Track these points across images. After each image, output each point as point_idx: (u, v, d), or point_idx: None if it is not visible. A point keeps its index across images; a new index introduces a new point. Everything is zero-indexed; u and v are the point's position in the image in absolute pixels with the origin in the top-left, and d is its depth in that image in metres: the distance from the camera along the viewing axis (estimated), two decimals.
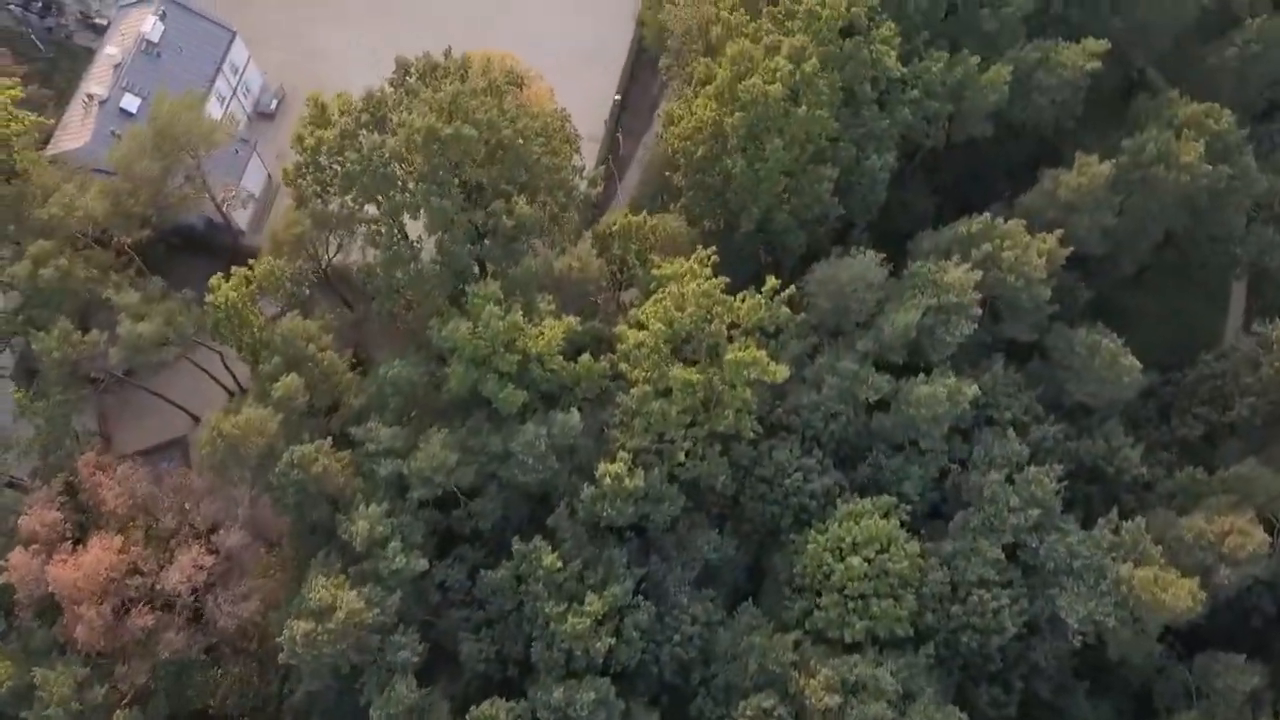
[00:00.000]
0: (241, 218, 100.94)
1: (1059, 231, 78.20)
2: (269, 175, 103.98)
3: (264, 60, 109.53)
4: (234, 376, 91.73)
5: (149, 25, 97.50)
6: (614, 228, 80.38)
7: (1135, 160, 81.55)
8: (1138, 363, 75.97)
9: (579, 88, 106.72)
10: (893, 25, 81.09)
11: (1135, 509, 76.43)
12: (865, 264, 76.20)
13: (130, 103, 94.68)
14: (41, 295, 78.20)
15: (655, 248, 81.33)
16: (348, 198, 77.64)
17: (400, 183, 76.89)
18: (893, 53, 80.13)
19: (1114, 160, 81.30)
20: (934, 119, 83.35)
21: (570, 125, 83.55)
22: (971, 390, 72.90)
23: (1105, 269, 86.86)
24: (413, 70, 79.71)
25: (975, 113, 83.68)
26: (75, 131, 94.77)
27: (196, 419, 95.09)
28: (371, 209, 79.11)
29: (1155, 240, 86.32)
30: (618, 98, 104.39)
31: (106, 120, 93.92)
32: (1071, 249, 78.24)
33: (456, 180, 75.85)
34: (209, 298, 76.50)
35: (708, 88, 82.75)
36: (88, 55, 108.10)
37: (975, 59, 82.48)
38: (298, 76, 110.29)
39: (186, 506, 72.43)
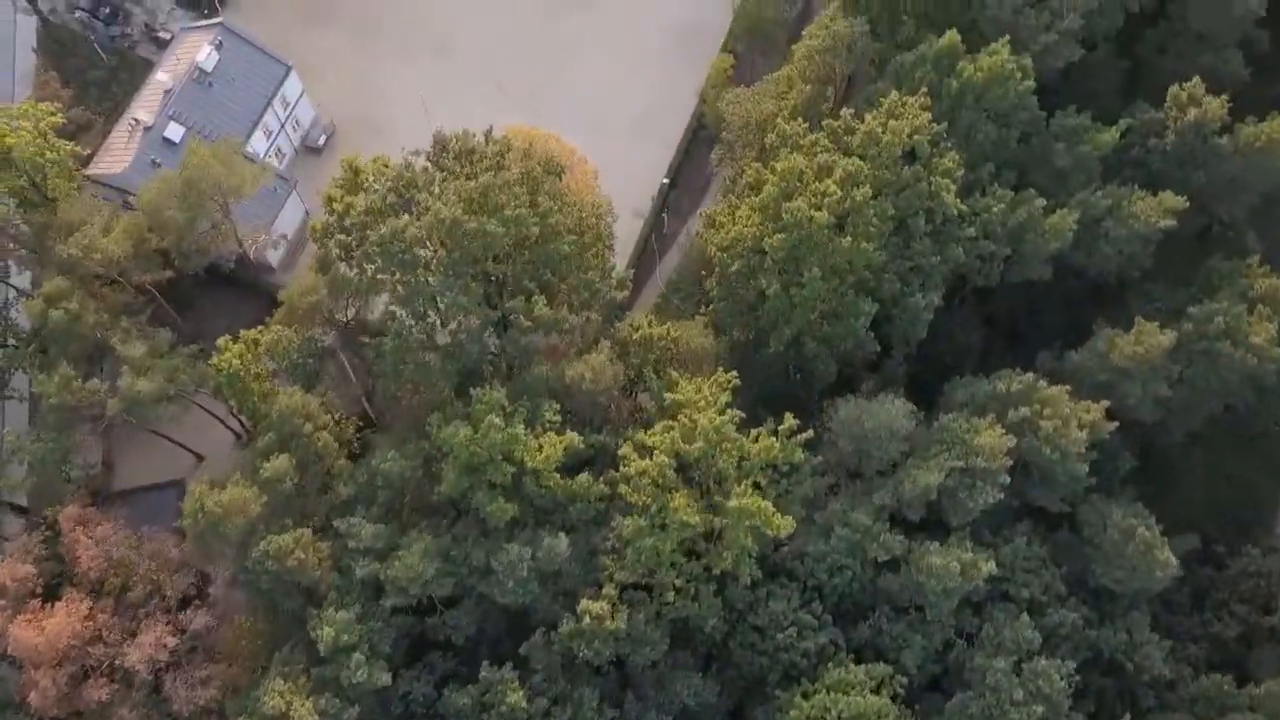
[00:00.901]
0: (273, 255, 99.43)
1: (1105, 403, 73.00)
2: (307, 212, 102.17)
3: (319, 91, 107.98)
4: (241, 421, 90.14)
5: (204, 54, 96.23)
6: (635, 335, 76.90)
7: (1200, 330, 76.06)
8: (1173, 558, 70.65)
9: (633, 156, 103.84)
10: (956, 157, 76.49)
11: (1153, 709, 71.16)
12: (892, 413, 71.78)
13: (175, 132, 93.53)
14: (51, 334, 77.09)
15: (676, 359, 77.72)
16: (367, 273, 75.31)
17: (425, 263, 74.40)
18: (953, 187, 75.56)
19: (1176, 328, 75.90)
20: (989, 258, 78.51)
21: (606, 221, 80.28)
22: (987, 567, 68.30)
23: (1154, 434, 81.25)
24: (450, 148, 77.01)
25: (1034, 256, 78.69)
26: (117, 155, 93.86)
27: (201, 458, 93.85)
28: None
29: (1213, 411, 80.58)
30: (666, 181, 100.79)
31: (149, 147, 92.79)
32: (1116, 424, 72.88)
33: (477, 271, 73.18)
34: (213, 359, 74.85)
35: (753, 198, 78.90)
36: (147, 68, 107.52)
37: (1040, 201, 77.53)
38: (351, 112, 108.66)
39: (160, 578, 70.53)
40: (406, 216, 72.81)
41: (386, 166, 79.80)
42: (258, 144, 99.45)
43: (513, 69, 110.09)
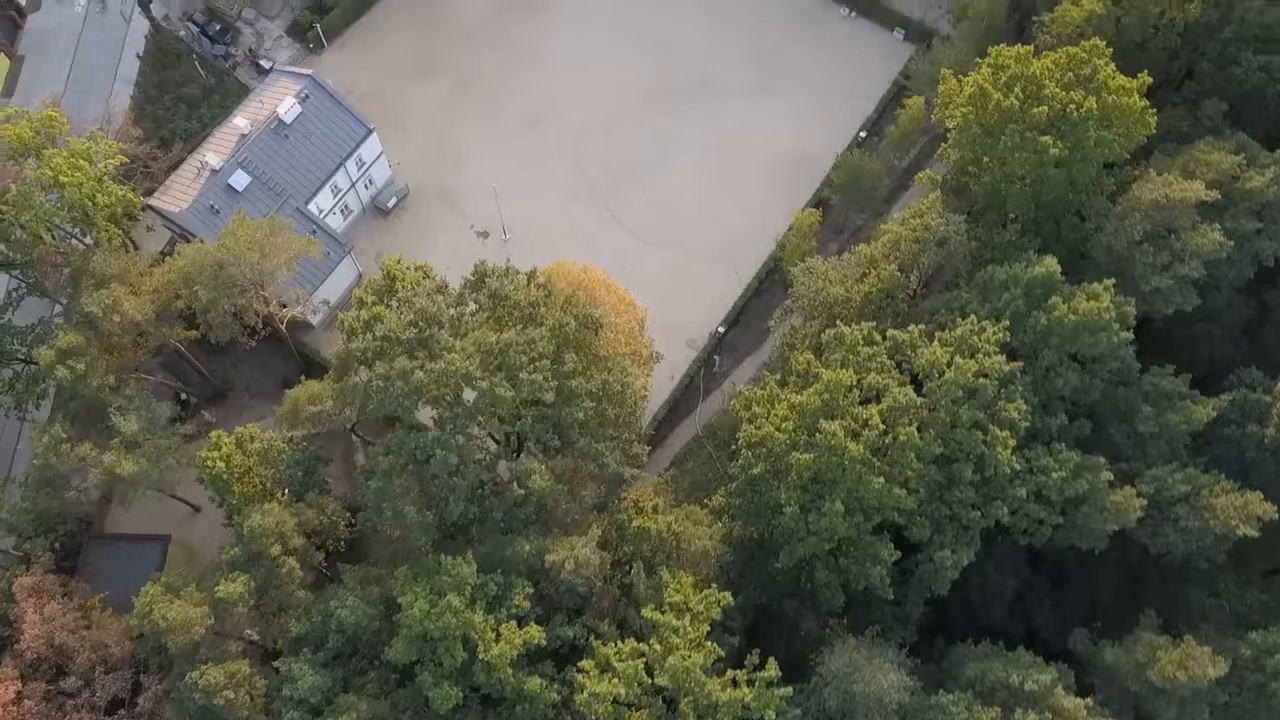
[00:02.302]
0: (313, 316, 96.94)
1: None
2: (360, 274, 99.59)
3: (402, 149, 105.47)
4: None
5: (286, 106, 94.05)
6: (633, 524, 71.49)
7: (1258, 661, 66.98)
8: None
9: (702, 280, 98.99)
10: (1023, 406, 68.89)
11: None
12: (884, 685, 64.76)
13: (239, 180, 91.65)
14: (56, 388, 75.79)
15: (673, 554, 72.05)
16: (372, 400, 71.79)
17: (434, 400, 70.47)
18: (1012, 442, 67.99)
19: (1233, 648, 67.09)
20: (1038, 522, 70.66)
21: (634, 389, 74.91)
22: None
23: None
24: (488, 283, 72.77)
25: (1089, 531, 70.49)
26: (178, 194, 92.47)
27: (198, 509, 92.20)
28: None
29: None
30: (721, 330, 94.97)
31: (210, 192, 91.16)
32: None
33: (479, 423, 69.03)
34: (201, 453, 72.36)
35: (793, 394, 72.53)
36: (242, 92, 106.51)
37: (1107, 475, 69.31)
38: (427, 176, 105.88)
39: (95, 674, 68.37)
40: (421, 355, 68.84)
41: (426, 277, 76.03)
42: (323, 200, 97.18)
43: (600, 157, 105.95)
